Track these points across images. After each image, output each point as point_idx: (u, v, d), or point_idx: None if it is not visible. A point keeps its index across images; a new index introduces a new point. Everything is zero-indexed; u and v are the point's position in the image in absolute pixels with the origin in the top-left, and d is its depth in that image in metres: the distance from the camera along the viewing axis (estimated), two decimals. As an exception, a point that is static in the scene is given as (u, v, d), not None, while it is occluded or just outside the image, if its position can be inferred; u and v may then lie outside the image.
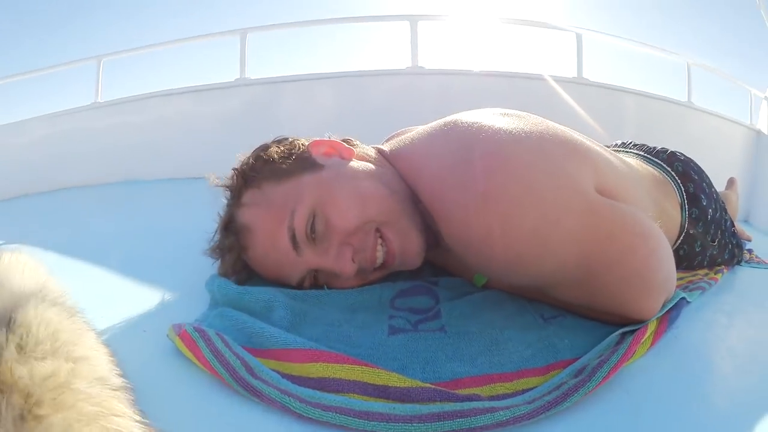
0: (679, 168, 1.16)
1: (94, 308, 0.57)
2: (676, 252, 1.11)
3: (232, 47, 3.55)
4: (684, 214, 1.11)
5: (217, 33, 3.82)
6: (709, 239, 1.15)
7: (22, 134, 3.53)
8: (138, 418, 0.38)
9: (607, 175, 0.78)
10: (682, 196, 1.11)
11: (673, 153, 1.21)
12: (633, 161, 1.10)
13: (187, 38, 3.91)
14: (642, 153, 1.24)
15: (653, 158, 1.20)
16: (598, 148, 0.83)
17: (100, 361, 0.42)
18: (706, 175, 1.20)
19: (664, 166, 1.17)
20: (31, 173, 3.23)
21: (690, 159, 1.21)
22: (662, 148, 1.24)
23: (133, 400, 0.40)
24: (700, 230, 1.13)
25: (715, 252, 1.18)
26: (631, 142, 1.35)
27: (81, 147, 3.41)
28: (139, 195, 2.64)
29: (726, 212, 1.24)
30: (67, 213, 1.86)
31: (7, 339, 0.36)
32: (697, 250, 1.14)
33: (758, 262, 1.36)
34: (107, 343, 0.49)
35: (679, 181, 1.13)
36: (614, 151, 1.09)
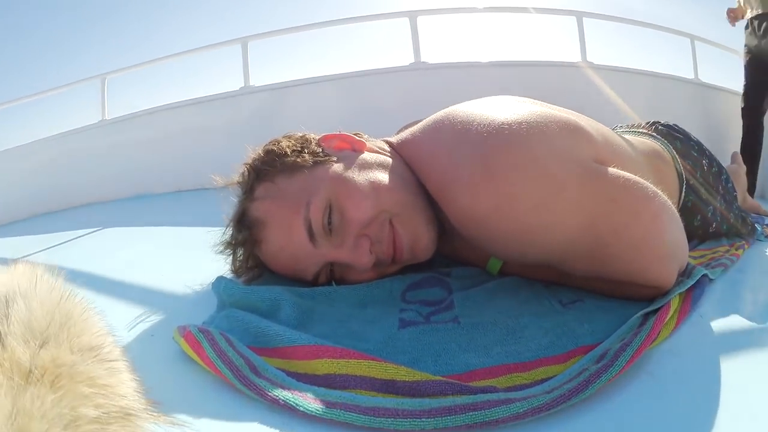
0: (663, 130, 1.24)
1: (105, 314, 0.56)
2: (684, 205, 1.15)
3: (235, 56, 3.56)
4: (678, 167, 1.14)
5: (219, 43, 3.84)
6: (711, 188, 1.20)
7: (32, 156, 3.57)
8: (143, 401, 0.38)
9: (605, 147, 0.80)
10: (671, 152, 1.16)
11: (655, 121, 1.30)
12: (626, 136, 1.12)
13: (189, 50, 3.93)
14: (628, 129, 1.32)
15: (638, 130, 1.27)
16: (594, 125, 0.84)
17: (107, 348, 0.41)
18: (694, 136, 1.28)
19: (649, 132, 1.24)
20: (41, 194, 3.26)
21: (674, 124, 1.29)
22: (646, 122, 1.32)
23: (140, 385, 0.40)
24: (699, 180, 1.18)
25: (723, 204, 1.22)
26: (617, 125, 1.41)
27: (90, 165, 3.44)
28: (149, 208, 2.65)
29: (726, 171, 1.28)
30: (77, 229, 1.87)
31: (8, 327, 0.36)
32: (704, 198, 1.17)
33: None
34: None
35: (664, 140, 1.19)
36: None
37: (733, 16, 3.48)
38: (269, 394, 0.49)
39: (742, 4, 3.43)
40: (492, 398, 0.45)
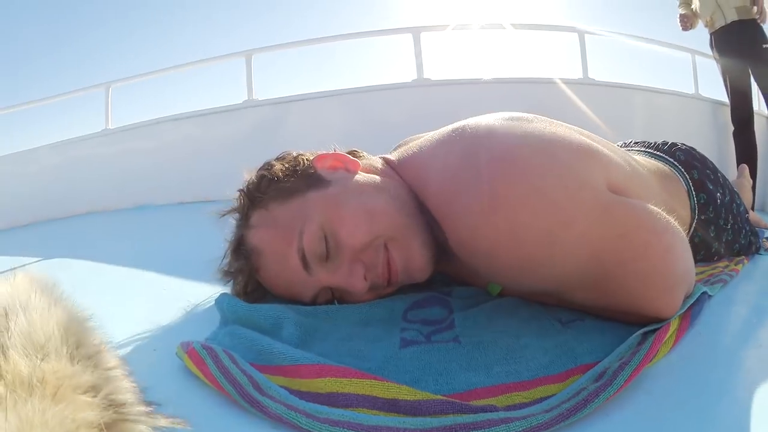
0: (681, 157, 1.17)
1: (105, 328, 0.56)
2: (690, 240, 1.10)
3: (239, 69, 3.59)
4: (692, 201, 1.10)
5: (223, 56, 3.88)
6: (721, 223, 1.14)
7: (34, 162, 3.60)
8: (142, 405, 0.39)
9: (618, 172, 0.76)
10: (687, 184, 1.11)
11: (673, 144, 1.22)
12: (638, 158, 1.09)
13: (193, 62, 3.97)
14: (644, 149, 1.24)
15: (655, 152, 1.20)
16: (606, 148, 0.81)
17: (105, 357, 0.43)
18: (711, 162, 1.20)
19: (666, 157, 1.17)
20: (43, 200, 3.28)
21: (691, 148, 1.22)
22: (663, 142, 1.25)
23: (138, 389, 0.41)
24: (711, 215, 1.12)
25: (730, 237, 1.18)
26: (631, 141, 1.36)
27: (92, 174, 3.47)
28: (150, 219, 2.66)
29: (738, 197, 1.24)
30: (78, 238, 1.87)
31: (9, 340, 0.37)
32: (712, 235, 1.14)
33: None
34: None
35: (682, 169, 1.13)
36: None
37: (685, 21, 3.48)
38: (272, 411, 0.50)
39: (695, 11, 3.41)
40: (492, 417, 0.46)
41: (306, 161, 0.86)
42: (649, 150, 1.23)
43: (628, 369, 0.52)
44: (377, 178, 0.85)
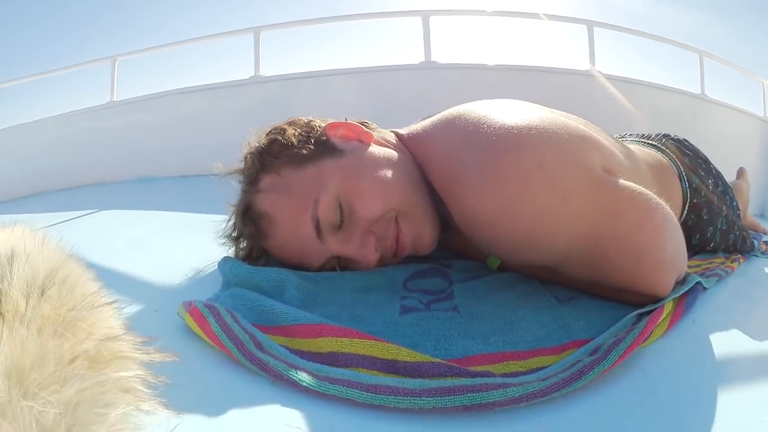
0: (672, 145, 1.23)
1: (107, 290, 0.57)
2: (684, 223, 1.15)
3: (247, 46, 3.57)
4: (684, 184, 1.14)
5: (231, 32, 3.84)
6: (714, 209, 1.18)
7: (39, 133, 3.58)
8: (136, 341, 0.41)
9: (611, 157, 0.79)
10: (678, 169, 1.15)
11: (666, 134, 1.28)
12: (631, 146, 1.12)
13: (201, 37, 3.93)
14: (636, 140, 1.30)
15: (647, 141, 1.26)
16: (601, 135, 0.84)
17: (99, 297, 0.44)
18: (702, 153, 1.27)
19: (658, 145, 1.22)
20: (47, 171, 3.27)
21: (684, 139, 1.28)
22: (656, 133, 1.31)
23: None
24: (703, 200, 1.16)
25: (724, 226, 1.21)
26: (626, 134, 1.40)
27: (97, 146, 3.45)
28: (153, 191, 2.66)
29: (731, 191, 1.28)
30: (81, 209, 1.87)
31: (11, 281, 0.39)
32: (705, 218, 1.17)
33: None
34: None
35: (673, 156, 1.18)
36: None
37: None
38: (273, 369, 0.51)
39: None
40: (489, 382, 0.47)
41: (318, 128, 0.85)
42: (642, 140, 1.28)
43: (623, 345, 0.53)
44: (391, 151, 0.86)
